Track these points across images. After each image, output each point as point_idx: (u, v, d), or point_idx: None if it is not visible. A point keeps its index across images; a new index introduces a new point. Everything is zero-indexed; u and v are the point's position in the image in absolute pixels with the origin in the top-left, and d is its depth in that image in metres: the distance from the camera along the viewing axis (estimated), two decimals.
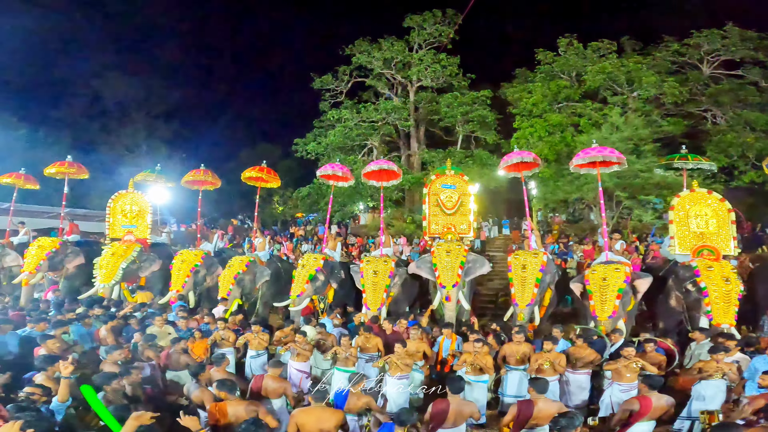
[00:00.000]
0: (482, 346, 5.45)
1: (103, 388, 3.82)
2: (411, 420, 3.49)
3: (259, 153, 27.10)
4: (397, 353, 5.33)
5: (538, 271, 7.65)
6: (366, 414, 4.30)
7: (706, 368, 4.90)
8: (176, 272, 8.97)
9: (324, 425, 3.62)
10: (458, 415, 3.95)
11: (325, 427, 3.62)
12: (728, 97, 17.43)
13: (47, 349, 4.77)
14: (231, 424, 3.67)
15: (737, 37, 17.75)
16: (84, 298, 8.37)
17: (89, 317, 6.44)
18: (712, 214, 7.74)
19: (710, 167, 9.20)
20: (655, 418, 4.07)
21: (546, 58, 19.68)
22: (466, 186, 9.33)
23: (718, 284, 6.83)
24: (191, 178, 10.98)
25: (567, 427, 3.05)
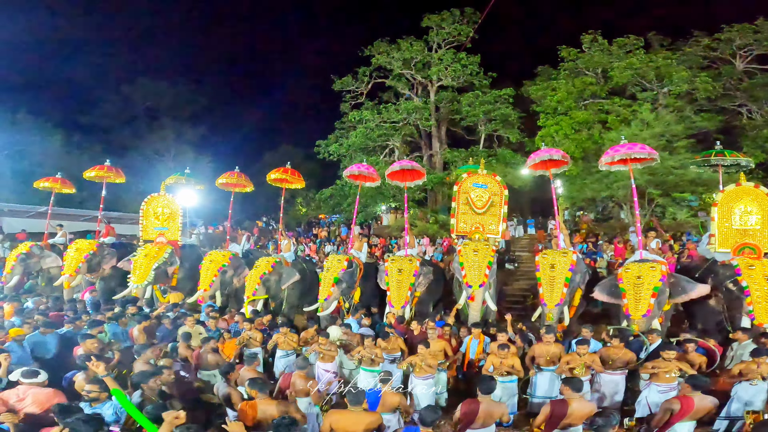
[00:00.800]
0: (507, 351, 5.37)
1: (141, 386, 3.91)
2: (434, 418, 3.46)
3: (282, 155, 27.50)
4: (420, 354, 5.31)
5: (567, 271, 7.48)
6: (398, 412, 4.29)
7: (746, 371, 4.72)
8: (204, 272, 9.18)
9: (359, 427, 3.61)
10: (488, 416, 3.91)
11: (360, 429, 3.61)
12: (764, 91, 17.03)
13: (85, 349, 4.93)
14: (261, 422, 3.71)
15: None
16: (118, 299, 8.67)
17: (124, 317, 6.64)
18: (757, 210, 7.36)
19: (747, 163, 8.78)
20: (697, 418, 3.93)
21: (569, 55, 19.33)
22: (498, 186, 9.13)
23: (760, 283, 6.55)
24: (225, 180, 11.22)
25: (604, 426, 2.98)
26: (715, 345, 5.57)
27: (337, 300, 8.60)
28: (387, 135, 21.36)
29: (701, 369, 5.25)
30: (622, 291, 6.86)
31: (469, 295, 7.66)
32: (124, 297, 8.74)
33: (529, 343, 6.13)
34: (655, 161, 8.31)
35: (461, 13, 21.85)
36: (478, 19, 21.57)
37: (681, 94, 16.73)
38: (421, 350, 5.38)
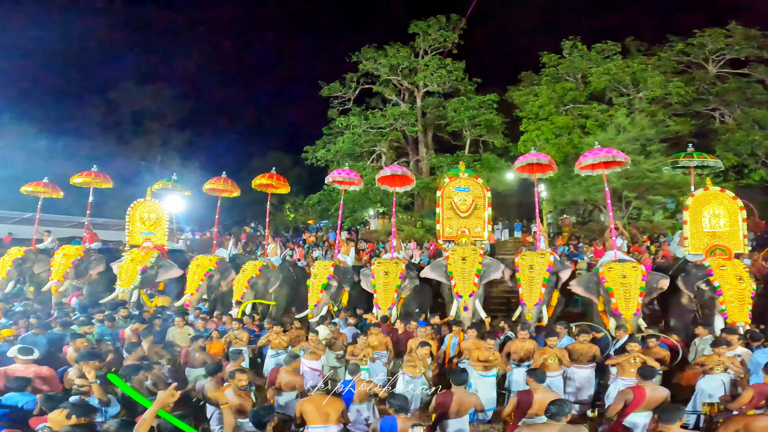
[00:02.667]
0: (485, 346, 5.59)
1: (131, 378, 4.08)
2: (405, 404, 3.68)
3: (270, 161, 27.41)
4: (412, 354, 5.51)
5: (545, 271, 7.76)
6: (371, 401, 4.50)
7: (707, 362, 4.99)
8: (191, 276, 9.35)
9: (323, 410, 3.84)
10: (461, 406, 4.12)
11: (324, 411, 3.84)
12: (735, 95, 17.37)
13: (75, 347, 5.10)
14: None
15: (741, 36, 17.70)
16: (106, 302, 8.78)
17: (113, 319, 6.83)
18: (724, 213, 7.77)
19: (715, 164, 9.16)
20: (651, 409, 4.16)
21: (551, 61, 19.74)
22: (480, 189, 9.31)
23: (731, 283, 6.91)
24: (212, 185, 11.34)
25: (557, 414, 3.20)
26: (677, 340, 5.86)
27: (327, 305, 8.76)
28: (374, 141, 21.62)
29: (664, 363, 5.51)
30: (609, 290, 7.10)
31: (463, 305, 7.77)
32: (114, 300, 8.86)
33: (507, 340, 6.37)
34: (626, 165, 8.64)
35: (447, 20, 22.20)
36: (464, 25, 22.03)
37: (655, 98, 17.15)
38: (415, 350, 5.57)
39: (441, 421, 4.09)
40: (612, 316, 7.05)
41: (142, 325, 6.39)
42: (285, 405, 4.83)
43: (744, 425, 3.20)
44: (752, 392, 4.08)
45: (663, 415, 3.19)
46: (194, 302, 9.02)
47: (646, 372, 4.30)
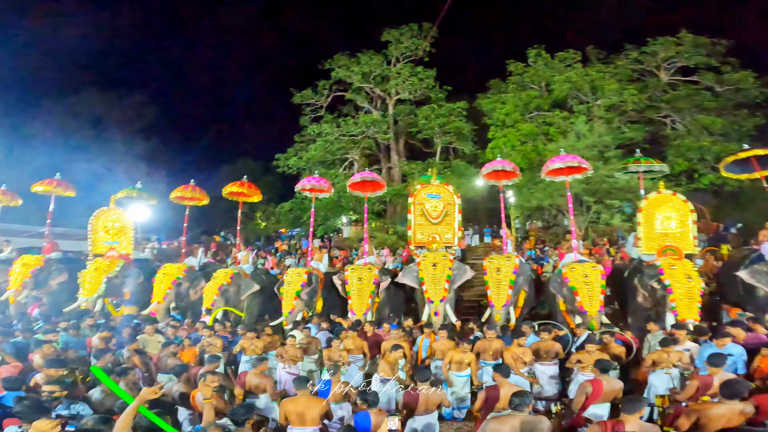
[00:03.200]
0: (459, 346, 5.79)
1: (101, 383, 4.04)
2: (377, 400, 3.81)
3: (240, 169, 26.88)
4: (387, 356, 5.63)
5: (511, 274, 8.05)
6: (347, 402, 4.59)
7: (658, 359, 5.33)
8: (158, 285, 9.22)
9: (308, 411, 3.90)
10: (428, 402, 4.28)
11: (309, 412, 3.89)
12: (685, 102, 18.12)
13: (42, 354, 5.02)
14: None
15: (690, 44, 18.53)
16: (69, 311, 8.56)
17: (78, 327, 6.74)
18: (676, 215, 8.28)
19: (661, 169, 9.74)
20: (609, 400, 4.43)
21: (517, 69, 20.30)
22: (450, 195, 9.52)
23: (681, 282, 7.32)
24: (179, 194, 11.14)
25: (520, 404, 3.40)
26: (632, 337, 6.23)
27: (302, 312, 8.76)
28: (346, 148, 21.72)
29: (621, 359, 5.85)
30: (573, 289, 7.46)
31: (435, 311, 7.95)
32: (79, 309, 8.69)
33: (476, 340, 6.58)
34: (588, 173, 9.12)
35: (419, 28, 22.65)
36: (435, 33, 22.49)
37: (612, 106, 17.83)
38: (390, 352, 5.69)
39: (410, 418, 4.22)
40: (577, 313, 7.41)
41: (110, 332, 6.30)
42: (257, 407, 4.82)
43: (702, 413, 3.44)
44: (697, 383, 4.39)
45: (626, 406, 3.38)
46: (161, 311, 8.87)
47: (603, 365, 4.57)
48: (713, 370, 4.18)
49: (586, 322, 7.12)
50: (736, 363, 5.01)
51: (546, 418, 3.56)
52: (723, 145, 16.12)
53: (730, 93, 18.24)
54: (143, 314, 8.72)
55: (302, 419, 3.89)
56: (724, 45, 18.54)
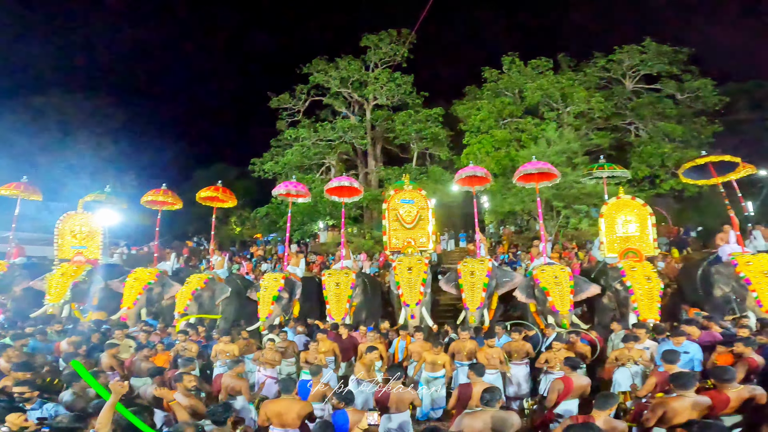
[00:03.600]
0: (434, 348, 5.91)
1: (72, 384, 4.04)
2: (353, 398, 3.90)
3: (214, 173, 26.70)
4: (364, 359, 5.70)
5: (485, 277, 8.25)
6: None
7: (620, 356, 5.59)
8: (128, 289, 9.01)
9: (292, 413, 3.93)
10: (399, 401, 4.39)
11: (293, 415, 3.92)
12: (648, 110, 18.77)
13: (6, 358, 4.95)
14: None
15: (654, 52, 19.23)
16: (36, 317, 8.35)
17: (45, 333, 6.62)
18: (635, 219, 8.69)
19: (622, 174, 10.18)
20: (578, 396, 4.62)
21: (492, 76, 20.76)
22: (424, 200, 9.67)
23: (641, 283, 7.64)
24: (151, 198, 10.86)
25: (491, 400, 3.54)
26: (597, 336, 6.50)
27: (279, 317, 8.71)
28: (323, 153, 21.71)
29: (585, 357, 6.10)
30: (545, 290, 7.72)
31: (411, 314, 8.04)
32: (45, 314, 8.48)
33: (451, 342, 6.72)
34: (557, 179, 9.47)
35: (398, 34, 22.92)
36: (414, 40, 22.82)
37: (581, 113, 18.35)
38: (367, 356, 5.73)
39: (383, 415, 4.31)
40: (549, 314, 7.66)
41: (79, 337, 6.24)
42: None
43: (668, 407, 3.61)
44: (655, 380, 4.64)
45: (598, 401, 3.52)
46: (132, 316, 8.67)
47: (572, 362, 4.78)
48: (669, 367, 4.42)
49: (558, 321, 7.39)
50: (693, 360, 5.31)
51: (515, 413, 3.70)
52: (683, 152, 16.80)
53: (690, 100, 19.02)
54: (113, 319, 8.51)
55: (283, 420, 3.91)
56: (685, 53, 19.29)
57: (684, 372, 3.89)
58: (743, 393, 3.73)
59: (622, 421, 3.69)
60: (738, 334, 5.39)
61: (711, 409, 3.67)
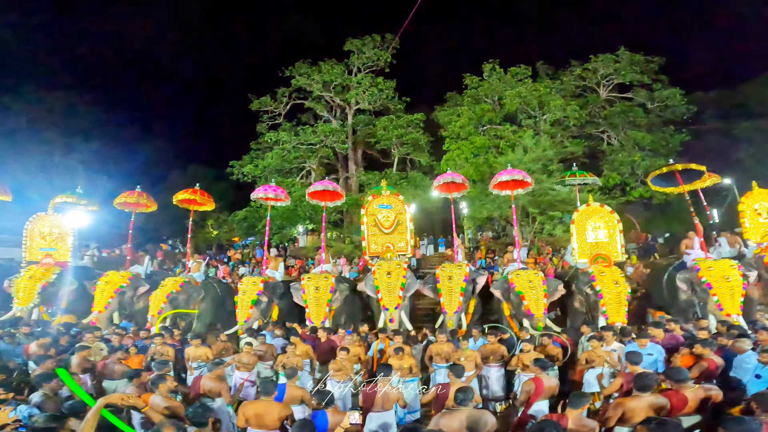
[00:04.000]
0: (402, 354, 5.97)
1: (42, 385, 3.98)
2: (332, 398, 3.95)
3: (190, 175, 26.20)
4: (341, 360, 5.72)
5: (462, 281, 8.40)
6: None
7: (590, 358, 5.80)
8: (99, 293, 8.85)
9: (272, 416, 3.93)
10: (385, 399, 4.45)
11: (273, 418, 3.92)
12: (620, 118, 19.26)
13: None
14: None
15: (627, 61, 19.71)
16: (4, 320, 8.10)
17: (13, 336, 6.49)
18: (604, 226, 9.03)
19: (594, 182, 10.54)
20: (548, 397, 4.78)
21: (472, 83, 21.04)
22: (402, 205, 9.78)
23: (610, 287, 7.93)
24: (125, 199, 10.61)
25: (464, 399, 3.66)
26: (567, 339, 6.73)
27: (257, 321, 8.64)
28: (304, 157, 21.60)
29: (557, 359, 6.29)
30: (520, 294, 7.91)
31: (390, 318, 8.11)
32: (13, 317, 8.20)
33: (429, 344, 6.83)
34: (530, 187, 9.74)
35: (382, 39, 23.06)
36: (398, 44, 23.01)
37: (557, 121, 18.68)
38: (342, 356, 5.78)
39: (367, 415, 4.36)
40: (524, 317, 7.87)
41: (49, 339, 6.13)
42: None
43: (626, 407, 3.78)
44: (621, 380, 4.83)
45: (572, 400, 3.68)
46: (103, 319, 8.48)
47: (542, 363, 4.94)
48: (633, 368, 4.62)
49: (534, 325, 7.59)
50: (657, 362, 5.55)
51: (489, 413, 3.81)
52: (652, 160, 17.37)
53: (659, 109, 19.62)
54: (83, 323, 8.28)
55: (262, 422, 3.90)
56: (656, 62, 19.91)
57: (645, 373, 4.08)
58: (699, 393, 3.93)
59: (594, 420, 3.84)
60: (698, 337, 5.66)
61: (670, 409, 3.87)
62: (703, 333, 5.78)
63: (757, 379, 4.53)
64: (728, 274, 7.47)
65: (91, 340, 6.27)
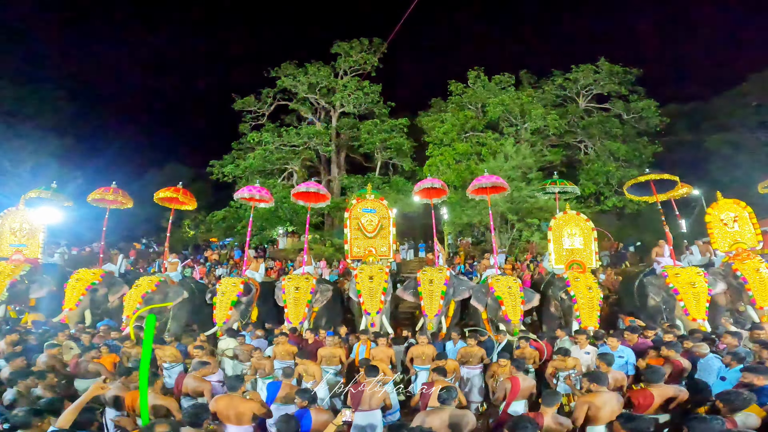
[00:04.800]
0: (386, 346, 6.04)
1: (17, 382, 3.90)
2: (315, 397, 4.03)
3: (167, 174, 25.70)
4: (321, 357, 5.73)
5: (443, 285, 8.50)
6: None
7: (558, 366, 5.93)
8: (70, 290, 8.60)
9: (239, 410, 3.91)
10: (372, 398, 4.49)
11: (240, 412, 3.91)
12: (597, 128, 19.81)
13: None
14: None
15: (606, 72, 20.29)
16: None
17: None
18: (579, 233, 9.32)
19: (573, 190, 10.87)
20: (525, 397, 4.89)
21: (457, 89, 21.34)
22: (385, 210, 9.82)
23: (584, 293, 8.13)
24: (100, 196, 10.31)
25: (447, 398, 3.75)
26: (545, 342, 6.91)
27: (236, 322, 8.52)
28: (286, 158, 21.47)
29: (535, 362, 6.46)
30: (499, 299, 8.04)
31: (372, 322, 8.10)
32: None
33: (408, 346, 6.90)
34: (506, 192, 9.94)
35: (369, 43, 23.21)
36: (385, 49, 23.16)
37: (537, 129, 19.05)
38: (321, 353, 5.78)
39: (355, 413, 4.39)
40: (501, 322, 8.00)
41: (17, 335, 5.92)
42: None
43: (591, 403, 3.92)
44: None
45: (545, 399, 3.80)
46: (73, 317, 8.22)
47: (518, 363, 5.07)
48: (605, 368, 4.80)
49: (510, 330, 7.73)
50: (627, 364, 5.75)
51: (471, 412, 3.90)
52: (625, 171, 17.94)
53: (634, 120, 20.26)
54: (53, 321, 7.99)
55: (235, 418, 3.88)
56: (634, 74, 20.54)
57: (596, 372, 4.28)
58: (667, 391, 4.13)
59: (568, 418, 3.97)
60: (664, 339, 5.92)
61: (637, 406, 4.05)
62: (669, 336, 6.04)
63: (722, 381, 4.76)
64: (694, 281, 7.82)
65: (62, 338, 6.08)
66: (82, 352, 5.65)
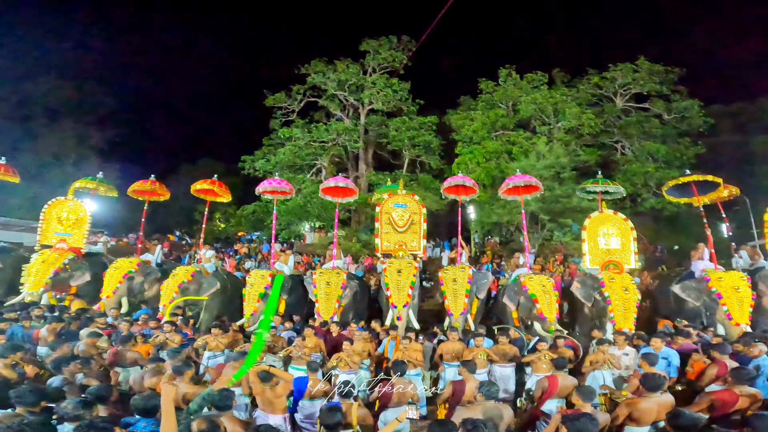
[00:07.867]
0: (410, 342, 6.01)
1: (60, 369, 4.01)
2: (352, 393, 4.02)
3: (200, 168, 26.52)
4: (346, 350, 5.76)
5: (466, 283, 8.41)
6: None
7: (594, 360, 5.82)
8: (108, 279, 8.93)
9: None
10: (401, 395, 4.47)
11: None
12: (635, 128, 19.02)
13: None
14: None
15: (646, 71, 19.44)
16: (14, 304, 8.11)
17: (30, 318, 6.51)
18: (617, 233, 8.99)
19: (616, 190, 10.39)
20: (563, 396, 4.78)
21: (487, 88, 20.99)
22: (417, 205, 9.76)
23: (619, 294, 7.87)
24: (139, 188, 10.74)
25: (489, 392, 3.68)
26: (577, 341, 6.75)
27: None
28: (315, 154, 21.69)
29: (570, 361, 6.31)
30: (533, 296, 7.94)
31: (397, 315, 8.08)
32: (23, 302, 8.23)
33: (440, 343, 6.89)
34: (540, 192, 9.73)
35: (398, 40, 23.16)
36: (414, 47, 23.04)
37: (571, 129, 18.44)
38: (346, 347, 5.84)
39: (383, 411, 4.40)
40: (536, 320, 7.89)
41: (60, 323, 6.12)
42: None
43: (635, 407, 3.83)
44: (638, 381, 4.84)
45: (584, 395, 3.74)
46: (110, 305, 8.54)
47: (558, 362, 4.96)
48: (647, 368, 4.64)
49: (546, 328, 7.61)
50: (671, 366, 5.56)
51: (508, 406, 3.85)
52: (665, 172, 17.12)
53: (676, 121, 19.33)
54: (93, 309, 8.35)
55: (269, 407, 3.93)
56: (676, 73, 19.61)
57: (655, 374, 4.11)
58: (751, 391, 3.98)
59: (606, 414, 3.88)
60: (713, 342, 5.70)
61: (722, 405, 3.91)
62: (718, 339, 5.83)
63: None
64: (738, 285, 7.56)
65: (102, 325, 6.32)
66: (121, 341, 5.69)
